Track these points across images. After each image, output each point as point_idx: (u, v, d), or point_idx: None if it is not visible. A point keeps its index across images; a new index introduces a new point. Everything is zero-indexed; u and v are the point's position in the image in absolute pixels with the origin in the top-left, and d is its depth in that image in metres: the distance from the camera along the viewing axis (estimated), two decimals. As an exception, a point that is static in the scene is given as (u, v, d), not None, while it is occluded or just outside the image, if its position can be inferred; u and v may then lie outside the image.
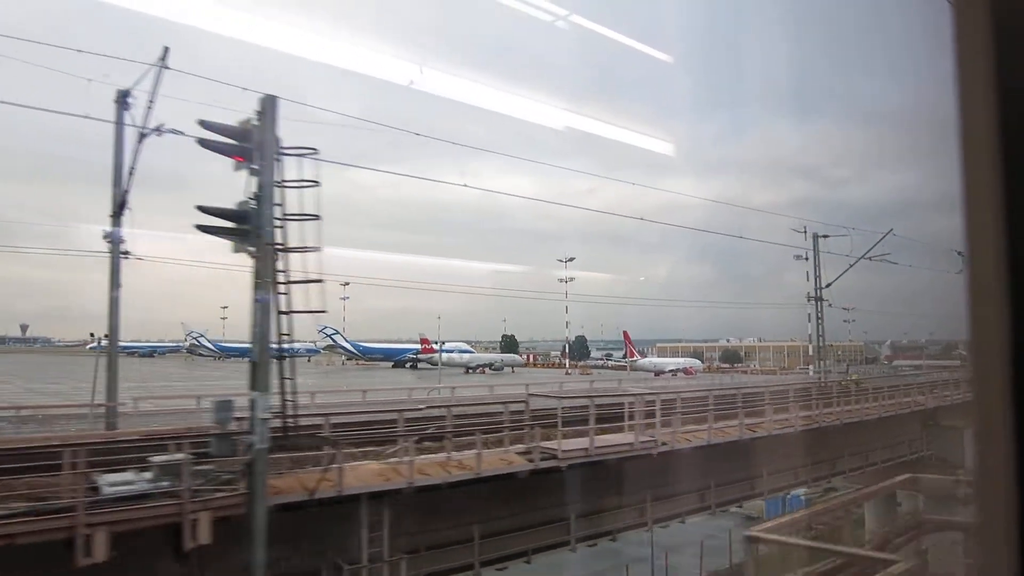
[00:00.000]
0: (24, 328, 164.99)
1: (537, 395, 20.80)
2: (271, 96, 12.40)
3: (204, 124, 12.38)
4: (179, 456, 11.90)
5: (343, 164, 17.24)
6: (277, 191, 12.48)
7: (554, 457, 16.43)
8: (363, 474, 14.32)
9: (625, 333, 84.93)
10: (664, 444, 18.75)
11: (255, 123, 12.41)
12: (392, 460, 15.02)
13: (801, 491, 37.18)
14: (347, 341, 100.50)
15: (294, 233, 12.86)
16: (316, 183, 12.73)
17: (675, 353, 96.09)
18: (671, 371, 79.36)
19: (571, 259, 79.61)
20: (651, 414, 19.06)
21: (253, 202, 12.38)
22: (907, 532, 23.42)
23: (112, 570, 10.94)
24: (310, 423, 14.32)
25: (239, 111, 12.46)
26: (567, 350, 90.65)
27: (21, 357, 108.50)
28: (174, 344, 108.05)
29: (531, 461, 16.26)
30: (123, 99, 18.86)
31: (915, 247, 39.01)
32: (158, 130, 16.74)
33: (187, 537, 11.50)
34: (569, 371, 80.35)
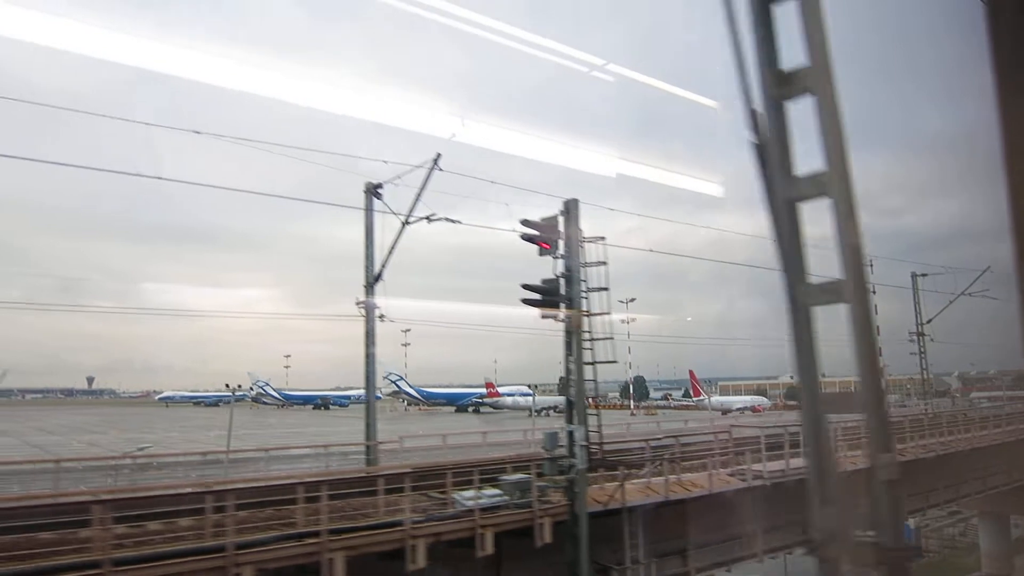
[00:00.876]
0: (90, 380, 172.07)
1: (739, 426, 24.20)
2: (574, 199, 16.50)
3: (524, 222, 16.47)
4: (524, 476, 15.61)
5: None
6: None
7: (760, 477, 19.71)
8: (627, 491, 17.79)
9: (691, 372, 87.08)
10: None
11: (560, 218, 16.51)
12: (640, 480, 18.51)
13: (911, 521, 39.06)
14: (411, 387, 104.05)
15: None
16: (604, 263, 16.69)
17: (736, 391, 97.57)
18: (738, 409, 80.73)
19: (632, 300, 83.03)
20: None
21: (561, 279, 16.36)
22: None
23: (494, 563, 14.58)
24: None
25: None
26: (630, 390, 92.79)
27: (90, 408, 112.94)
28: (237, 394, 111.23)
29: (743, 480, 19.59)
30: (374, 190, 23.31)
31: (972, 275, 40.82)
32: (428, 218, 20.93)
33: (537, 537, 15.09)
34: (634, 412, 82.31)
